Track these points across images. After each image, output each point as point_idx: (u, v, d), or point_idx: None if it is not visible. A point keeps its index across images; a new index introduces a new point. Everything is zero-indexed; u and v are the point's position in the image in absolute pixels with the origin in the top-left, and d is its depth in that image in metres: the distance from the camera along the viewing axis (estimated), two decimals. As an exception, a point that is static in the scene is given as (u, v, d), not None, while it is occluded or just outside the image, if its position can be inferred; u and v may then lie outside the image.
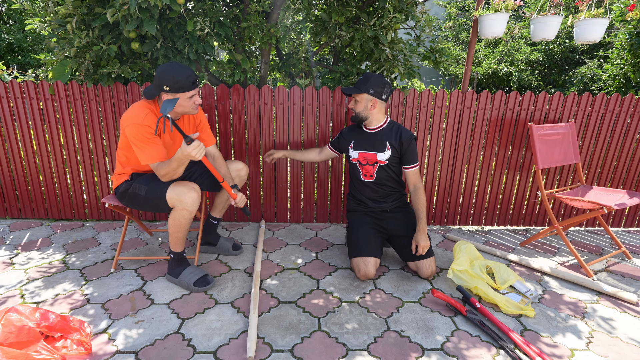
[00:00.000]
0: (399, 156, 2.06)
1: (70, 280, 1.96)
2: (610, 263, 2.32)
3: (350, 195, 2.24)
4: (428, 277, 2.04)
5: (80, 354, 1.44)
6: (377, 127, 2.07)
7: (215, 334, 1.58)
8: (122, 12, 1.98)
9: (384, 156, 2.05)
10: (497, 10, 2.22)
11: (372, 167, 2.08)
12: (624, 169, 2.73)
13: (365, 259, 1.97)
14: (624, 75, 4.01)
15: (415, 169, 2.08)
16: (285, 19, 3.20)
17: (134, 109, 1.75)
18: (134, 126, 1.71)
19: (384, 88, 1.98)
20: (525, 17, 4.05)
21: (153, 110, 1.78)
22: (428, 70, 12.17)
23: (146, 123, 1.72)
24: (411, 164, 2.07)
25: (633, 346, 1.58)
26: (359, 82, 2.01)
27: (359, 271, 1.97)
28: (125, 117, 1.74)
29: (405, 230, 2.08)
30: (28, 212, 2.70)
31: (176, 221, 1.79)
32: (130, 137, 1.72)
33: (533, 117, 2.56)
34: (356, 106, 2.04)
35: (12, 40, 8.83)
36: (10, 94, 2.43)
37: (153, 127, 1.74)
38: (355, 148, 2.11)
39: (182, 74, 1.69)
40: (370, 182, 2.11)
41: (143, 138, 1.72)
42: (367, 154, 2.08)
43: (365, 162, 2.09)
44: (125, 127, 1.73)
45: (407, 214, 2.15)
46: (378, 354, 1.49)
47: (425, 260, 2.02)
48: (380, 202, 2.13)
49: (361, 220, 2.11)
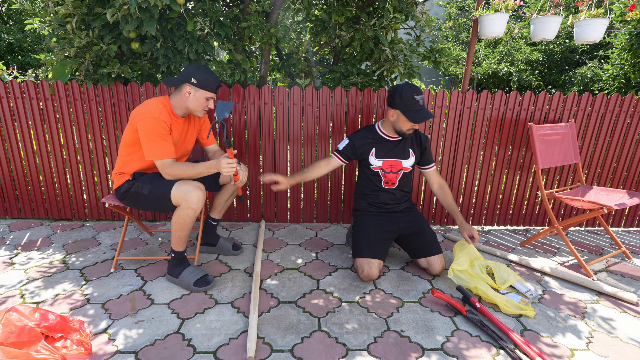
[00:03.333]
0: (420, 159, 2.13)
1: (70, 280, 1.96)
2: (610, 263, 2.32)
3: (360, 196, 2.21)
4: (439, 272, 2.05)
5: (80, 353, 1.44)
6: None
7: (215, 334, 1.58)
8: (122, 12, 1.98)
9: (408, 163, 2.09)
10: (497, 10, 2.22)
11: (395, 174, 2.09)
12: (624, 169, 2.73)
13: (370, 260, 1.97)
14: (624, 75, 4.01)
15: (435, 168, 2.17)
16: (285, 19, 3.20)
17: (149, 104, 1.79)
18: (150, 120, 1.74)
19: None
20: (525, 17, 4.05)
21: (167, 106, 1.83)
22: (428, 70, 12.17)
23: (162, 118, 1.76)
24: (430, 163, 2.15)
25: (633, 346, 1.58)
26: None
27: (362, 272, 1.97)
28: (139, 111, 1.77)
29: (415, 228, 2.10)
30: (28, 212, 2.70)
31: (180, 219, 1.80)
32: (144, 130, 1.74)
33: (533, 117, 2.56)
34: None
35: (12, 40, 8.83)
36: (10, 94, 2.43)
37: (167, 123, 1.79)
38: (378, 156, 2.07)
39: (213, 76, 1.83)
40: (392, 189, 2.11)
41: (156, 132, 1.75)
42: (392, 161, 2.07)
43: (389, 170, 2.08)
44: (139, 120, 1.75)
45: (416, 213, 2.18)
46: (378, 354, 1.49)
47: (436, 256, 2.04)
48: (394, 205, 2.15)
49: (370, 221, 2.10)
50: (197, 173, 1.80)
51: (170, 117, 1.83)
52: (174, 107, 1.86)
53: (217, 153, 2.13)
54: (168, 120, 1.80)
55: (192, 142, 2.04)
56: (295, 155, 2.62)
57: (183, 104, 1.85)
